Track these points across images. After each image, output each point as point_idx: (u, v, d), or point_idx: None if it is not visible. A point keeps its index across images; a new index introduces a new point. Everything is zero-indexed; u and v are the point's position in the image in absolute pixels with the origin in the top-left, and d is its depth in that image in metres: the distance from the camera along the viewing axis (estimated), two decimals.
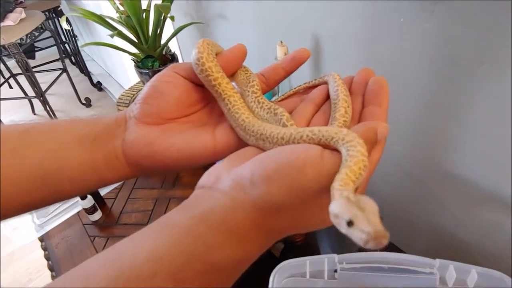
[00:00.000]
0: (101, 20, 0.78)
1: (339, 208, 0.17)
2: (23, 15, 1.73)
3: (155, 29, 0.80)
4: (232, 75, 0.29)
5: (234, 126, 0.27)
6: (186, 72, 0.28)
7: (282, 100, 0.32)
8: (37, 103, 1.92)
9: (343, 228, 0.17)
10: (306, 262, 0.43)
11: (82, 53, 2.42)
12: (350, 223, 0.16)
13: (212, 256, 0.18)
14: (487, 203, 0.51)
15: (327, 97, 0.29)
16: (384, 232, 0.16)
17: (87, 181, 0.27)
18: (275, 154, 0.21)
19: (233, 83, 0.29)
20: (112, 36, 0.72)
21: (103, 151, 0.27)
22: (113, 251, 0.19)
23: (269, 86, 0.30)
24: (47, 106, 1.88)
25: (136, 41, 0.83)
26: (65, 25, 0.81)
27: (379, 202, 0.19)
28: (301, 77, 0.69)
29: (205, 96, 0.29)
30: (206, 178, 0.23)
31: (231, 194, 0.20)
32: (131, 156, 0.27)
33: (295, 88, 0.32)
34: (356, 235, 0.16)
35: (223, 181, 0.21)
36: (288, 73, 0.30)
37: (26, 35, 1.72)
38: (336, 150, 0.21)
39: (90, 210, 0.82)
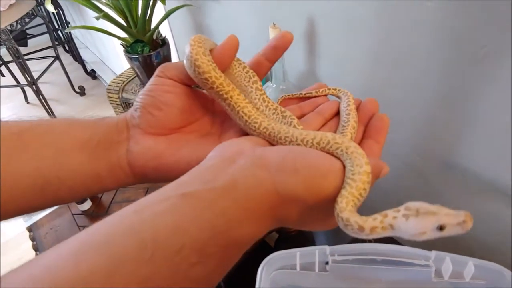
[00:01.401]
0: (88, 2, 0.74)
1: (420, 226, 0.19)
2: (13, 0, 1.69)
3: (143, 12, 0.77)
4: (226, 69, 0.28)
5: (239, 124, 0.26)
6: (180, 76, 0.27)
7: (283, 101, 0.32)
8: (30, 91, 1.88)
9: (436, 235, 0.19)
10: (297, 254, 0.41)
11: (75, 40, 2.38)
12: (441, 228, 0.19)
13: (234, 232, 0.19)
14: (486, 194, 0.49)
15: (336, 113, 0.30)
16: (464, 211, 0.19)
17: (88, 188, 0.26)
18: (303, 152, 0.22)
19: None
20: (97, 18, 0.69)
21: (106, 159, 0.26)
22: (128, 218, 0.17)
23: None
24: (40, 95, 1.85)
25: (125, 24, 0.80)
26: (50, 8, 0.77)
27: (376, 192, 0.21)
28: (295, 62, 0.66)
29: (204, 102, 0.29)
30: (227, 148, 0.22)
31: (254, 171, 0.20)
32: (137, 168, 0.26)
33: (303, 92, 0.31)
34: (456, 230, 0.19)
35: (247, 156, 0.21)
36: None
37: (17, 21, 1.68)
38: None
39: (79, 200, 0.80)
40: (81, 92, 2.20)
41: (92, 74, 2.33)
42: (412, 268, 0.40)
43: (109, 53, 1.97)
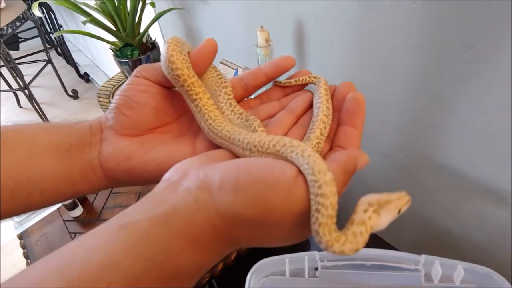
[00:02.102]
0: (75, 6, 0.74)
1: (390, 216, 0.20)
2: (3, 4, 1.67)
3: (132, 15, 0.76)
4: (202, 74, 0.28)
5: (202, 127, 0.25)
6: (157, 77, 0.26)
7: (272, 89, 0.30)
8: (22, 95, 1.86)
9: (395, 217, 0.20)
10: (286, 260, 0.41)
11: (68, 43, 2.36)
12: (399, 211, 0.20)
13: (172, 263, 0.18)
14: (477, 195, 0.49)
15: (308, 107, 0.28)
16: (401, 191, 0.21)
17: (61, 193, 0.26)
18: (250, 164, 0.20)
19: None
20: (84, 23, 0.68)
21: (79, 162, 0.26)
22: (62, 256, 0.17)
23: (248, 91, 0.29)
24: (33, 99, 1.83)
25: (114, 28, 0.79)
26: (37, 12, 0.76)
27: (366, 193, 0.20)
28: None
29: (182, 103, 0.28)
30: (174, 171, 0.21)
31: (196, 194, 0.19)
32: (108, 169, 0.26)
33: (284, 81, 0.30)
34: (406, 208, 0.21)
35: (191, 177, 0.20)
36: (269, 80, 0.28)
37: (7, 25, 1.66)
38: None
39: (70, 206, 0.79)
40: (74, 95, 2.18)
41: (85, 77, 2.31)
42: (401, 273, 0.40)
43: (102, 56, 1.96)
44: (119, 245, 0.17)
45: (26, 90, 1.79)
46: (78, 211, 0.81)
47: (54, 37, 2.28)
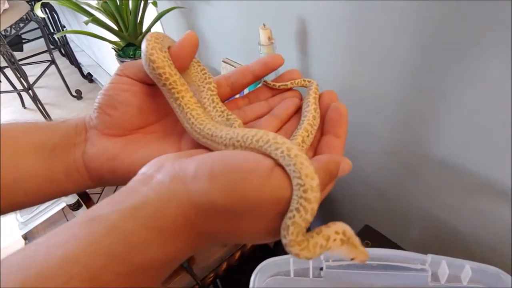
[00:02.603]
0: (77, 6, 0.74)
1: (346, 254, 0.20)
2: (6, 5, 1.68)
3: (134, 15, 0.76)
4: (184, 69, 0.27)
5: (186, 127, 0.25)
6: (140, 75, 0.26)
7: (260, 88, 0.29)
8: (26, 96, 1.87)
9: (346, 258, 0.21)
10: (290, 260, 0.40)
11: (71, 44, 2.37)
12: (352, 259, 0.21)
13: (137, 256, 0.17)
14: (483, 193, 0.48)
15: (294, 112, 0.28)
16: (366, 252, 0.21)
17: (45, 192, 0.25)
18: (226, 155, 0.20)
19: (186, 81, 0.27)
20: (86, 23, 0.68)
21: (63, 162, 0.25)
22: (25, 252, 0.16)
23: (234, 90, 0.28)
24: (37, 100, 1.84)
25: (116, 28, 0.79)
26: (39, 13, 0.77)
27: (371, 192, 0.20)
28: (287, 62, 0.65)
29: (166, 102, 0.27)
30: (150, 165, 0.21)
31: (168, 185, 0.19)
32: (93, 170, 0.25)
33: (275, 83, 0.29)
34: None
35: (165, 169, 0.20)
36: (257, 78, 0.28)
37: (11, 26, 1.67)
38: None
39: (75, 206, 0.79)
40: (78, 96, 2.19)
41: (89, 77, 2.32)
42: (408, 273, 0.39)
43: (105, 56, 1.96)
44: (82, 240, 0.16)
45: (30, 91, 1.80)
46: (82, 211, 0.81)
47: (58, 38, 2.29)
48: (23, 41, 2.27)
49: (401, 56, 0.46)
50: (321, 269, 0.41)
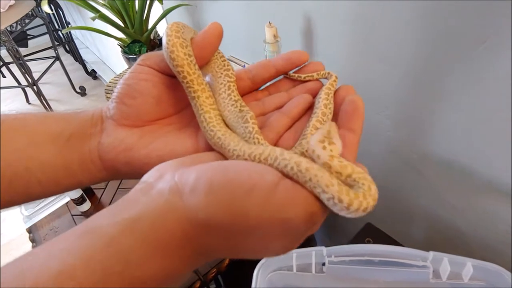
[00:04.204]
0: (83, 2, 0.74)
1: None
2: (12, 1, 1.69)
3: (140, 12, 0.77)
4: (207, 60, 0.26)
5: (202, 130, 0.24)
6: (161, 65, 0.25)
7: (282, 80, 0.28)
8: (31, 92, 1.88)
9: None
10: (293, 255, 0.41)
11: (76, 41, 2.38)
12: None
13: (134, 272, 0.16)
14: (486, 192, 0.49)
15: (306, 109, 0.26)
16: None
17: (59, 183, 0.25)
18: (228, 166, 0.19)
19: (207, 77, 0.27)
20: (93, 19, 0.69)
21: (78, 152, 0.25)
22: (23, 262, 0.16)
23: (255, 83, 0.27)
24: (41, 96, 1.85)
25: (122, 25, 0.80)
26: (46, 9, 0.77)
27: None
28: None
29: (186, 94, 0.26)
30: (152, 172, 0.20)
31: (167, 197, 0.18)
32: (108, 161, 0.25)
33: (294, 74, 0.27)
34: None
35: (166, 179, 0.19)
36: (279, 73, 0.27)
37: (16, 22, 1.68)
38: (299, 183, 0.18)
39: (79, 201, 0.80)
40: (82, 92, 2.20)
41: (93, 74, 2.33)
42: (409, 269, 0.39)
43: (110, 53, 1.97)
44: (78, 253, 0.16)
45: (34, 87, 1.81)
46: (86, 205, 0.82)
47: (62, 34, 2.30)
48: (28, 37, 2.28)
49: (406, 54, 0.47)
50: (323, 264, 0.41)
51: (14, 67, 1.89)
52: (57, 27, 2.28)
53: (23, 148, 0.24)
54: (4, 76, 2.36)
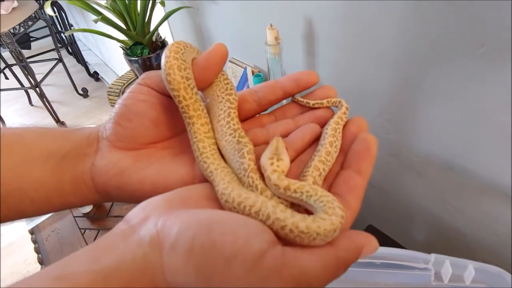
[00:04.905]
0: (86, 5, 0.75)
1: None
2: (15, 4, 1.70)
3: (142, 14, 0.77)
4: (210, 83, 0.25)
5: (195, 158, 0.23)
6: (161, 85, 0.24)
7: (290, 104, 0.27)
8: (34, 94, 1.89)
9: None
10: None
11: (78, 43, 2.39)
12: None
13: None
14: (487, 195, 0.48)
15: (311, 141, 0.24)
16: None
17: (51, 203, 0.24)
18: (214, 224, 0.16)
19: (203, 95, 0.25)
20: (96, 21, 0.69)
21: (71, 173, 0.24)
22: None
23: (261, 106, 0.26)
24: (44, 97, 1.86)
25: (124, 27, 0.80)
26: (49, 11, 0.78)
27: (375, 193, 0.19)
28: (293, 63, 0.66)
29: None
30: (137, 211, 0.19)
31: (145, 250, 0.17)
32: (100, 184, 0.24)
33: (303, 99, 0.26)
34: None
35: (148, 225, 0.17)
36: (287, 96, 0.25)
37: (19, 25, 1.69)
38: (298, 246, 0.17)
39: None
40: (84, 94, 2.21)
41: (95, 76, 2.34)
42: (411, 272, 0.39)
43: (112, 55, 1.98)
44: None
45: (37, 89, 1.82)
46: (88, 207, 0.82)
47: (65, 37, 2.31)
48: (31, 39, 2.29)
49: (407, 57, 0.47)
50: None
51: (17, 69, 1.90)
52: (60, 29, 2.30)
53: (17, 166, 0.23)
54: (7, 78, 2.37)
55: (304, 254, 0.16)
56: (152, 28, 0.82)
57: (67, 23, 2.19)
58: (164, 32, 1.04)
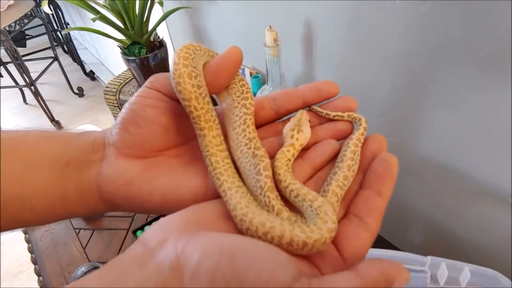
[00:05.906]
0: (84, 3, 0.74)
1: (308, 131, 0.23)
2: (11, 1, 1.69)
3: (141, 14, 0.77)
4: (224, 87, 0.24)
5: (207, 169, 0.22)
6: (171, 89, 0.22)
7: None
8: (28, 92, 1.88)
9: None
10: None
11: (74, 41, 2.38)
12: None
13: None
14: (484, 198, 0.49)
15: (330, 158, 0.23)
16: None
17: (54, 212, 0.23)
18: (237, 251, 0.16)
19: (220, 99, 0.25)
20: (94, 20, 0.69)
21: (75, 180, 0.22)
22: None
23: (278, 115, 0.25)
24: (39, 96, 1.85)
25: (122, 26, 0.80)
26: (46, 9, 0.77)
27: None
28: (292, 65, 0.66)
29: None
30: (154, 232, 0.18)
31: (166, 278, 0.16)
32: (106, 193, 0.22)
33: (334, 114, 0.25)
34: None
35: (167, 250, 0.17)
36: (306, 105, 0.24)
37: (15, 22, 1.68)
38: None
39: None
40: (80, 93, 2.20)
41: (91, 75, 2.33)
42: None
43: (108, 55, 1.97)
44: None
45: (32, 87, 1.80)
46: None
47: (61, 35, 2.30)
48: (27, 37, 2.27)
49: (406, 59, 0.47)
50: None
51: (11, 67, 1.89)
52: (56, 27, 2.28)
53: (17, 172, 0.21)
54: (1, 76, 2.35)
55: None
56: (150, 28, 0.81)
57: (63, 22, 2.17)
58: (162, 32, 1.03)
